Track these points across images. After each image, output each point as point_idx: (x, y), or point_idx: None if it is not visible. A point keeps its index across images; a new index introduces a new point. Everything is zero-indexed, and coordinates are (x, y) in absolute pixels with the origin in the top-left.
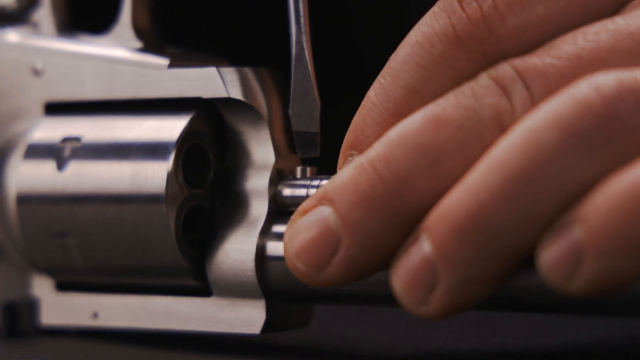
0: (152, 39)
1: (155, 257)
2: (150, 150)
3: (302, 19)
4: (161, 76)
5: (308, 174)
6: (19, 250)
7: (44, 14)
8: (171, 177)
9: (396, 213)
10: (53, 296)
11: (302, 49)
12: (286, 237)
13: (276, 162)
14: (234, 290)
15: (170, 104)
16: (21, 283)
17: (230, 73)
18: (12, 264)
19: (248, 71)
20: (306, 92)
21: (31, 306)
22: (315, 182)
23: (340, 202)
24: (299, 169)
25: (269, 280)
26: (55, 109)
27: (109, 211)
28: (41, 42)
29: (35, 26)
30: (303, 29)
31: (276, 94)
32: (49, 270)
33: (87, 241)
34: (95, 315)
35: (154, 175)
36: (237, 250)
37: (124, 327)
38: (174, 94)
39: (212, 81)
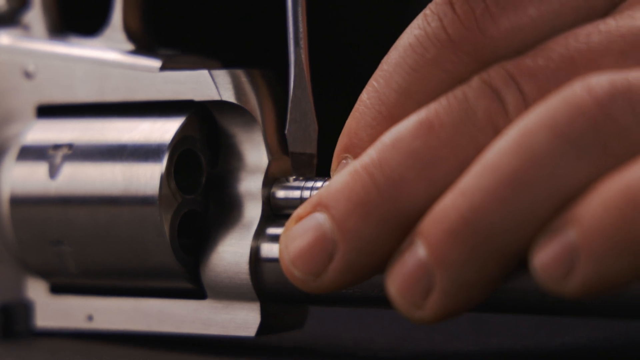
0: (143, 41)
1: (150, 261)
2: (143, 154)
3: (301, 38)
4: (153, 79)
5: (302, 178)
6: (13, 252)
7: (34, 16)
8: (164, 179)
9: (391, 218)
10: (47, 299)
11: (302, 70)
12: (282, 244)
13: (269, 164)
14: (229, 292)
15: (162, 106)
16: (16, 285)
17: (222, 75)
18: (6, 266)
19: (240, 73)
20: (304, 114)
21: (26, 309)
22: (309, 184)
23: (336, 208)
24: (293, 173)
25: (264, 282)
26: (48, 111)
27: (103, 217)
28: (33, 44)
29: (26, 28)
30: (302, 49)
31: (268, 96)
32: (43, 274)
33: (82, 248)
34: (90, 318)
35: (146, 179)
36: (231, 253)
37: (118, 330)
38: (166, 96)
39: (204, 84)
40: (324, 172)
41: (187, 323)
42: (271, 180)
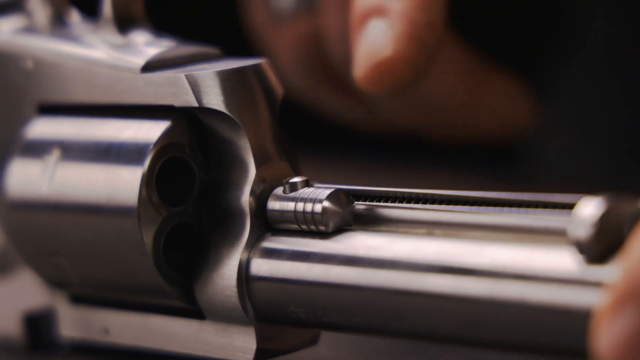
0: (140, 29)
1: (138, 280)
2: (126, 161)
3: None
4: (135, 81)
5: (299, 187)
6: None
7: (36, 2)
8: (143, 203)
9: None
10: (68, 308)
11: None
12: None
13: (257, 172)
14: (224, 315)
15: (150, 108)
16: (41, 294)
17: (204, 78)
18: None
19: (227, 73)
20: None
21: (51, 318)
22: (305, 195)
23: None
24: (288, 182)
25: (256, 303)
26: (48, 109)
27: (89, 229)
28: (33, 40)
29: (28, 15)
30: None
31: (261, 95)
32: (51, 284)
33: (76, 260)
34: (106, 331)
35: (126, 192)
36: (219, 274)
37: (132, 345)
38: (148, 100)
39: (182, 89)
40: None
41: (191, 343)
42: (262, 190)
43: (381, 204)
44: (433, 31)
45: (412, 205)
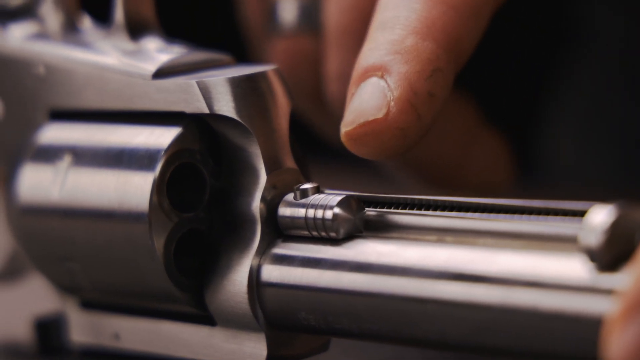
0: (156, 32)
1: (149, 285)
2: (137, 168)
3: None
4: (146, 87)
5: (310, 193)
6: None
7: (48, 8)
8: (154, 208)
9: None
10: (79, 313)
11: None
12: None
13: (268, 179)
14: (234, 321)
15: (161, 114)
16: (52, 299)
17: (215, 85)
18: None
19: (236, 81)
20: None
21: (61, 323)
22: (315, 202)
23: None
24: (299, 189)
25: (267, 309)
26: (58, 115)
27: (100, 234)
28: (45, 46)
29: (40, 20)
30: None
31: (272, 102)
32: (62, 289)
33: (88, 265)
34: (117, 337)
35: (137, 199)
36: (230, 280)
37: (141, 351)
38: (159, 107)
39: (193, 95)
40: None
41: (201, 349)
42: (273, 196)
43: (392, 210)
44: (432, 103)
45: (422, 212)
